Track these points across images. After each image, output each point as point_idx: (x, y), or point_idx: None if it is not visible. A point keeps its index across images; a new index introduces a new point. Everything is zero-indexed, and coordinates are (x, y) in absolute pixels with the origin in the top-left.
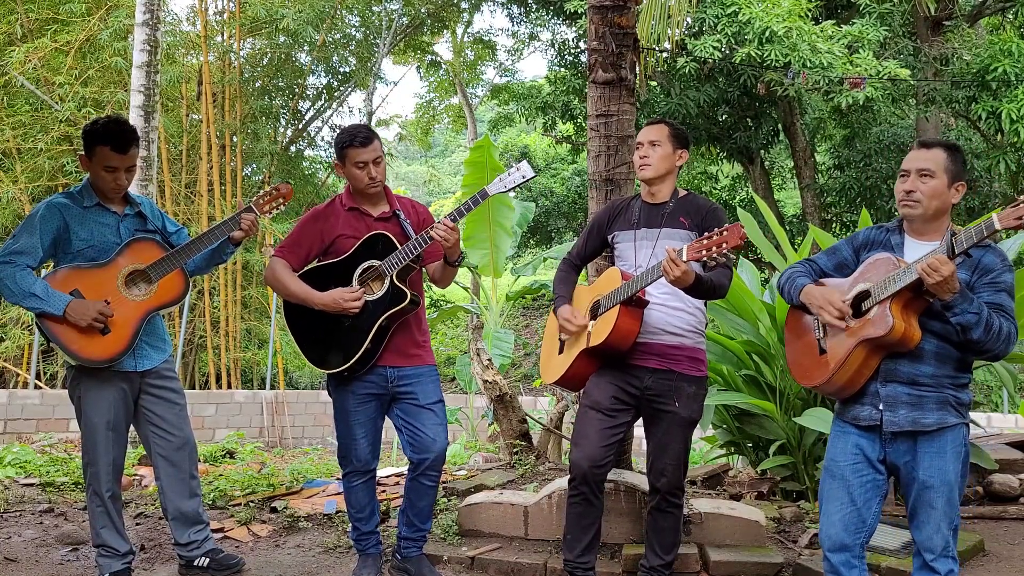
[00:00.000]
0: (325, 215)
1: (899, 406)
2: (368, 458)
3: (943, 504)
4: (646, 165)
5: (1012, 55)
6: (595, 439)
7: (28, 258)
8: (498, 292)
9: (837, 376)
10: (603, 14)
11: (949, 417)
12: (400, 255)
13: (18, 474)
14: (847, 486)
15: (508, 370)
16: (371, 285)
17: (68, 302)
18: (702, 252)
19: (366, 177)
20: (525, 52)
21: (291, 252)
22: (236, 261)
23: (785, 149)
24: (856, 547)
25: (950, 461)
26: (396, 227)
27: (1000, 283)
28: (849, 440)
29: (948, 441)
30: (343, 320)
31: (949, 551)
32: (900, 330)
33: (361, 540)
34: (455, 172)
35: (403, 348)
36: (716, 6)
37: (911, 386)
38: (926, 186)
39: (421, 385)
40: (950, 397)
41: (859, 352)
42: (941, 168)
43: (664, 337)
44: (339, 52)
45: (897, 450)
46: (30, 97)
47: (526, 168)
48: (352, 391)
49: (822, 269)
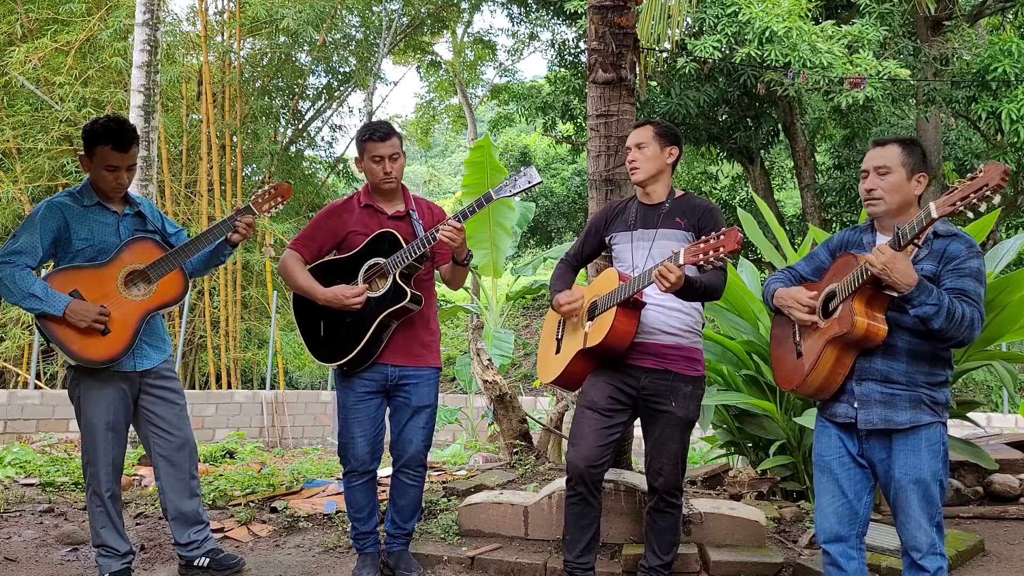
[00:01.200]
0: (340, 211)
1: (872, 405)
2: (366, 458)
3: (920, 501)
4: (635, 168)
5: (1012, 55)
6: (592, 439)
7: (28, 258)
8: (498, 292)
9: (812, 377)
10: (603, 14)
11: (923, 416)
12: (404, 254)
13: (18, 474)
14: (835, 479)
15: (508, 370)
16: (376, 282)
17: (68, 303)
18: (699, 256)
19: (381, 171)
20: (525, 52)
21: (304, 245)
22: (236, 261)
23: (785, 149)
24: (852, 538)
25: (925, 459)
26: (407, 226)
27: (964, 269)
28: (831, 434)
29: (923, 439)
30: (345, 316)
31: (936, 548)
32: (862, 327)
33: (360, 539)
34: (455, 172)
35: (407, 347)
36: (716, 6)
37: (885, 384)
38: (885, 181)
39: (418, 388)
40: (924, 396)
41: (829, 352)
42: (897, 163)
43: (661, 337)
44: (339, 52)
45: (873, 447)
46: (30, 97)
47: (533, 174)
48: (352, 388)
49: (801, 275)
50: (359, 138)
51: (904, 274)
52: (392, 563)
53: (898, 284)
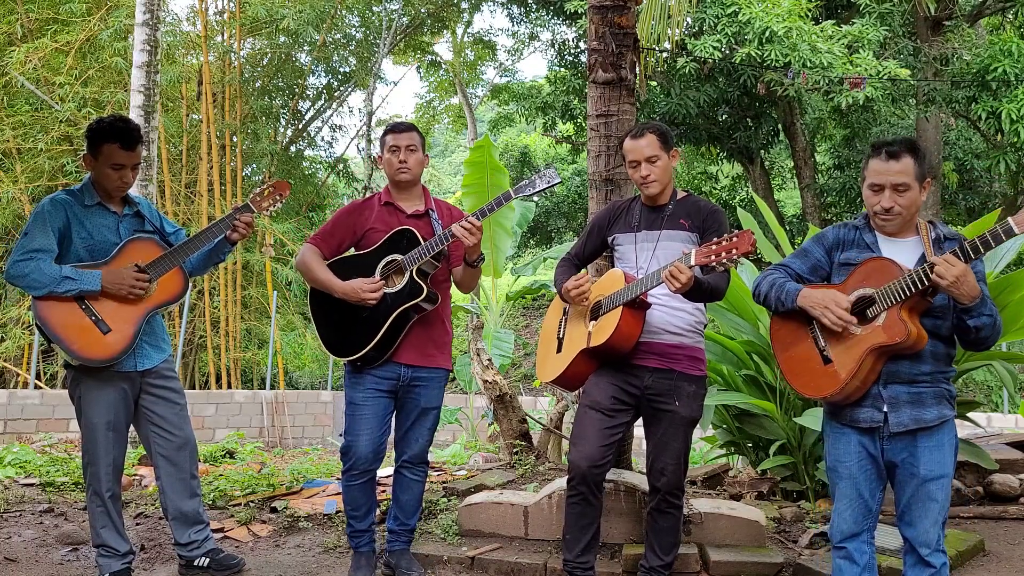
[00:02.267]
0: (361, 209)
1: (902, 406)
2: (369, 457)
3: (943, 497)
4: (651, 183)
5: (1012, 55)
6: (594, 439)
7: (46, 253)
8: (498, 292)
9: (850, 386)
10: (603, 14)
11: (946, 410)
12: (422, 251)
13: (18, 474)
14: (855, 484)
15: (508, 370)
16: (393, 278)
17: (101, 276)
18: (711, 257)
19: (396, 160)
20: (525, 52)
21: (323, 241)
22: (236, 261)
23: (785, 149)
24: (865, 532)
25: (947, 453)
26: (426, 225)
27: (977, 274)
28: (851, 440)
29: (945, 435)
30: (361, 310)
31: (941, 544)
32: (915, 335)
33: (355, 538)
34: (455, 172)
35: (421, 346)
36: (716, 6)
37: (910, 384)
38: (904, 199)
39: (428, 389)
40: (944, 391)
41: (870, 359)
42: (913, 177)
43: (664, 337)
44: (339, 52)
45: (895, 448)
46: (30, 97)
47: (552, 175)
48: (364, 384)
49: (798, 273)
50: (381, 135)
51: (972, 287)
52: (393, 562)
53: (963, 296)
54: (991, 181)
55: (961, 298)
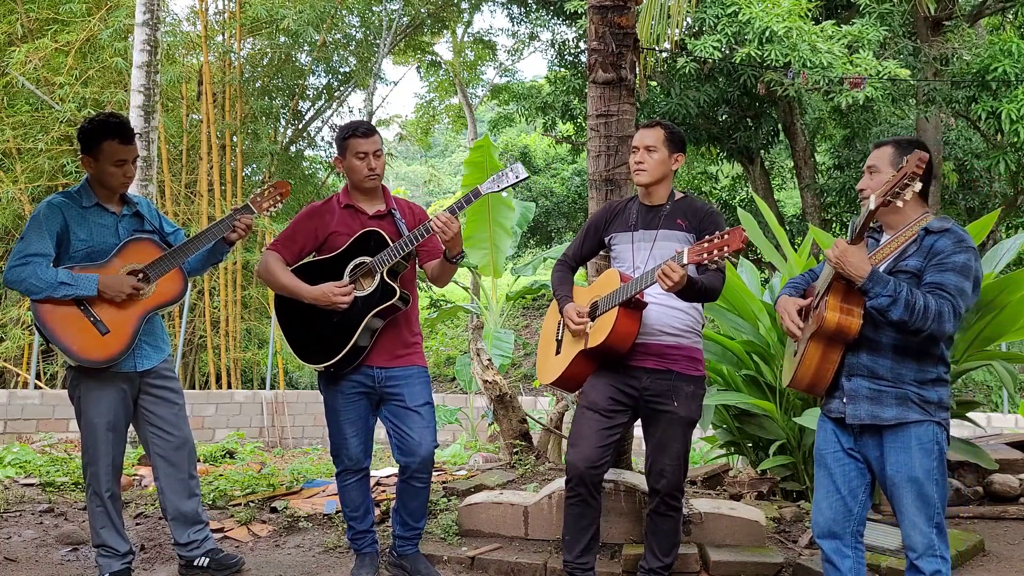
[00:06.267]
0: (321, 212)
1: (860, 400)
2: (360, 456)
3: (914, 500)
4: (642, 171)
5: (1012, 55)
6: (592, 440)
7: (43, 257)
8: (498, 292)
9: (799, 373)
10: (603, 14)
11: (910, 413)
12: (392, 251)
13: (18, 474)
14: (830, 473)
15: (508, 370)
16: (362, 281)
17: (97, 280)
18: (703, 255)
19: (365, 168)
20: (525, 52)
21: (284, 246)
22: (236, 261)
23: (785, 149)
24: (847, 536)
25: (916, 457)
26: (390, 225)
27: (947, 263)
28: (828, 429)
29: (913, 437)
30: (332, 316)
31: (935, 550)
32: (832, 320)
33: (356, 539)
34: (455, 172)
35: (391, 348)
36: (716, 6)
37: (872, 379)
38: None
39: (409, 387)
40: (911, 393)
41: (812, 348)
42: (887, 162)
43: (662, 337)
44: (339, 52)
45: (866, 444)
46: (30, 97)
47: (519, 169)
48: (341, 390)
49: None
50: (340, 136)
51: (856, 266)
52: (409, 567)
53: (852, 276)
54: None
55: (851, 278)
